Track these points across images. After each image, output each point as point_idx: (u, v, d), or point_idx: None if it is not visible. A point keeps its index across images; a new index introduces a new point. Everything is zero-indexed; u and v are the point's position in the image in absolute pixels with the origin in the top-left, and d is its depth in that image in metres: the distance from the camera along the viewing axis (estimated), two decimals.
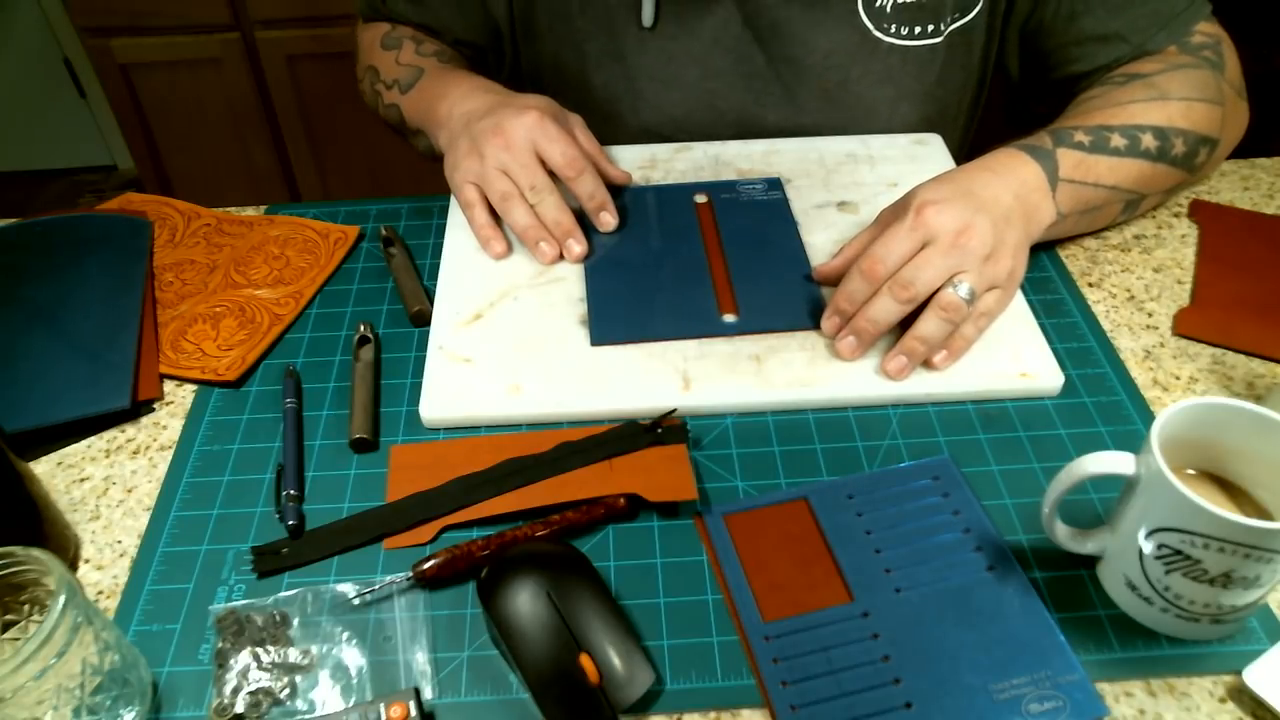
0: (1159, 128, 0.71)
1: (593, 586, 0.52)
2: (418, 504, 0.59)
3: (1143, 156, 0.70)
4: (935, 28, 0.81)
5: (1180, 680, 0.50)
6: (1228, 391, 0.65)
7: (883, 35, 0.81)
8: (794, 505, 0.58)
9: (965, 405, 0.64)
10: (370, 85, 0.90)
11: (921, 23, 0.81)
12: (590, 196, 0.74)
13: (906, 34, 0.81)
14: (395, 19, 0.90)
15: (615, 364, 0.65)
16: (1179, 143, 0.71)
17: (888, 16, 0.80)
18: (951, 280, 0.62)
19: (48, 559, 0.45)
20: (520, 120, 0.72)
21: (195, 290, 0.75)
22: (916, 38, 0.81)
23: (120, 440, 0.65)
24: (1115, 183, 0.70)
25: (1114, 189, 0.70)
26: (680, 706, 0.49)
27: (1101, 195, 0.70)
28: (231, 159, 1.83)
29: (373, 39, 0.91)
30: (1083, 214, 0.71)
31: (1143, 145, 0.70)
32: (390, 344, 0.70)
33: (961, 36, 0.83)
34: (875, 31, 0.81)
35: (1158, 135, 0.70)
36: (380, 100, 0.89)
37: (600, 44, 0.84)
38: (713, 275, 0.72)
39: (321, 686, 0.51)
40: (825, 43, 0.81)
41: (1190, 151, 0.72)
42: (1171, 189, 0.76)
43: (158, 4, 1.63)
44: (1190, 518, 0.46)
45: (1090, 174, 0.69)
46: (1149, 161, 0.71)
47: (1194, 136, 0.72)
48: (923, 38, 0.81)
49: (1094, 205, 0.71)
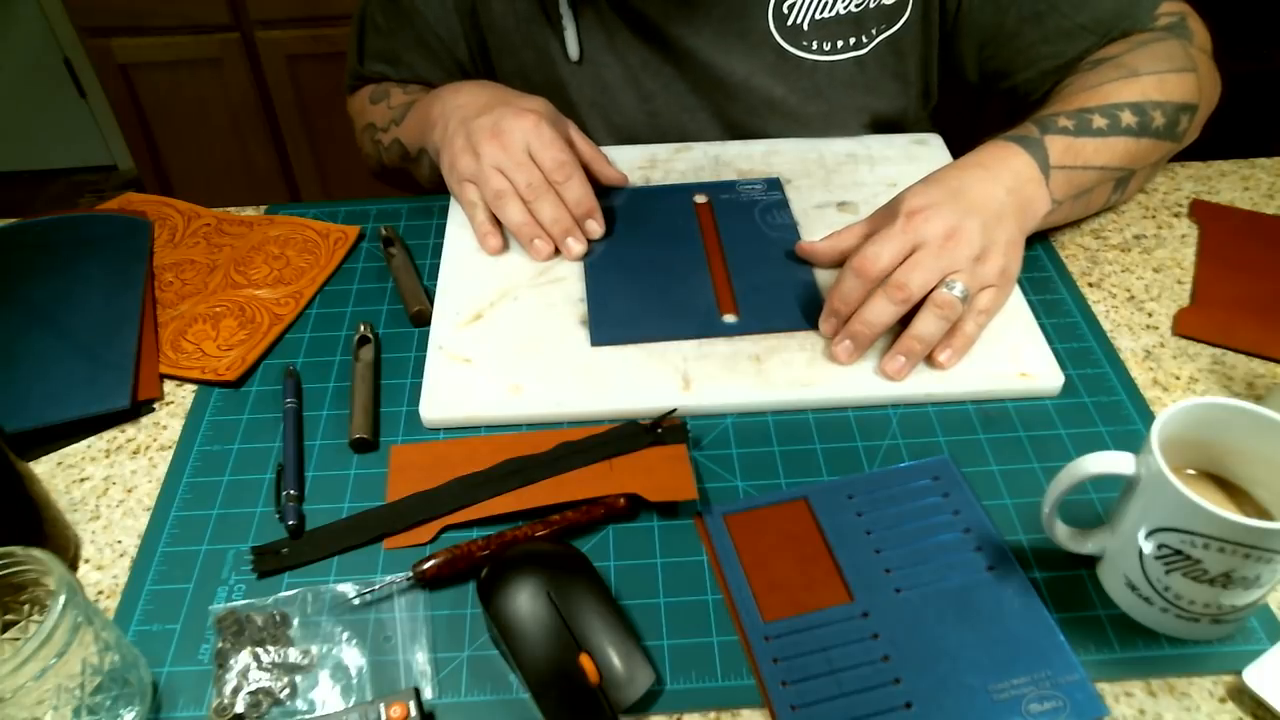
0: (1135, 103, 0.71)
1: (593, 586, 0.52)
2: (418, 504, 0.59)
3: (1125, 133, 0.70)
4: (858, 40, 0.81)
5: (1180, 680, 0.50)
6: (1228, 391, 0.65)
7: (802, 53, 0.81)
8: (794, 505, 0.58)
9: (965, 405, 0.64)
10: (371, 140, 0.91)
11: (843, 36, 0.80)
12: (576, 203, 0.73)
13: (830, 49, 0.81)
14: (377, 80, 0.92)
15: (615, 364, 0.65)
16: (1158, 115, 0.71)
17: (805, 34, 0.80)
18: (945, 280, 0.62)
19: (48, 559, 0.45)
20: (518, 123, 0.73)
21: (195, 290, 0.75)
22: (839, 52, 0.81)
23: (120, 440, 0.65)
24: (1104, 162, 0.70)
25: (1103, 169, 0.71)
26: (680, 706, 0.49)
27: (1092, 177, 0.70)
28: (231, 159, 1.83)
29: (363, 101, 0.93)
30: (1076, 198, 0.71)
31: (1123, 123, 0.70)
32: (390, 344, 0.70)
33: (890, 46, 0.82)
34: (794, 50, 0.81)
35: (1135, 111, 0.70)
36: (381, 148, 0.90)
37: (543, 75, 0.85)
38: (713, 275, 0.72)
39: (321, 686, 0.51)
40: (743, 67, 0.82)
41: (1171, 121, 0.72)
42: (1159, 160, 0.76)
43: (158, 4, 1.63)
44: (1190, 518, 0.46)
45: (1079, 157, 0.69)
46: (1132, 137, 0.70)
47: (1171, 106, 0.72)
48: (845, 51, 0.81)
49: (1086, 188, 0.71)
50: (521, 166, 0.72)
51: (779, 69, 0.82)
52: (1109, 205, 0.77)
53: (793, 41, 0.81)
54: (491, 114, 0.74)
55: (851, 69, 0.82)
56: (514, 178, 0.72)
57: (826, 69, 0.82)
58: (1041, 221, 0.69)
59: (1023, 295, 0.69)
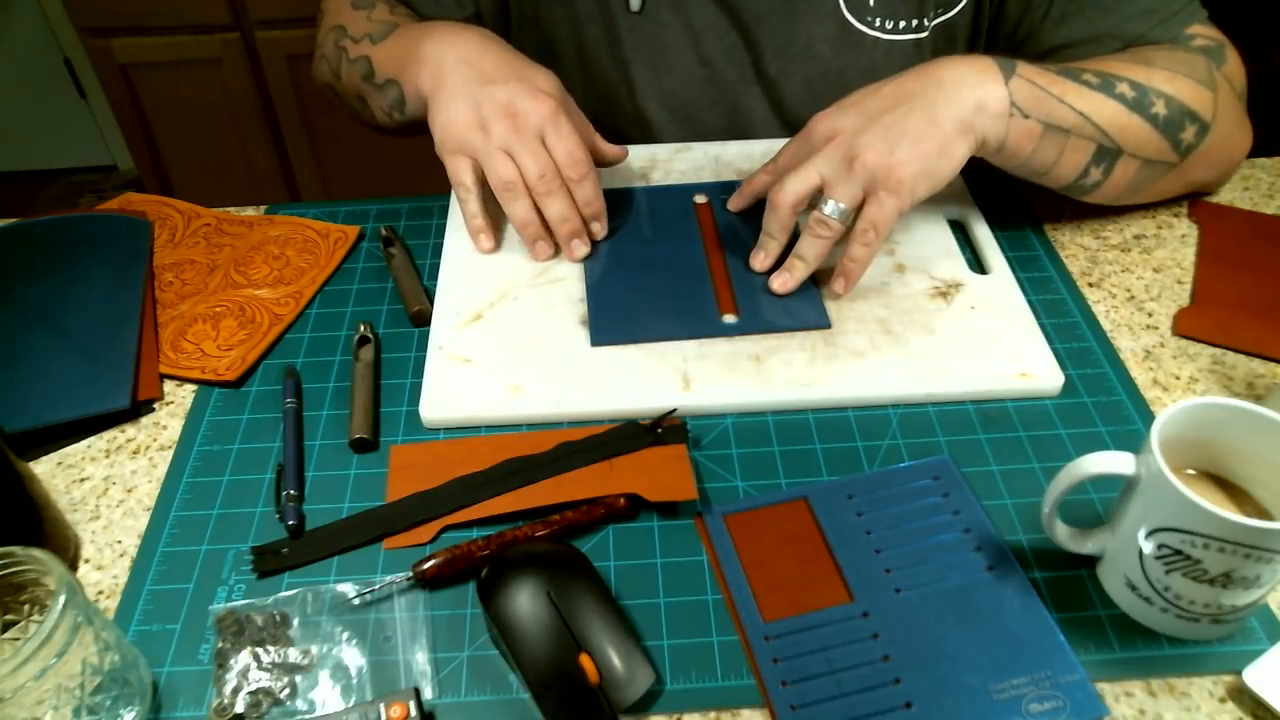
0: (1137, 81, 0.68)
1: (593, 586, 0.52)
2: (418, 504, 0.59)
3: (1118, 99, 0.67)
4: (919, 22, 0.81)
5: (1180, 680, 0.50)
6: (1228, 391, 0.65)
7: (865, 28, 0.80)
8: (794, 505, 0.58)
9: (965, 405, 0.64)
10: (334, 44, 0.83)
11: (905, 16, 0.80)
12: (586, 203, 0.71)
13: (891, 28, 0.80)
14: None
15: (615, 364, 0.65)
16: (1159, 103, 0.68)
17: (870, 10, 0.80)
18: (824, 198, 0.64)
19: (48, 559, 0.45)
20: (535, 105, 0.68)
21: (195, 290, 0.75)
22: (900, 32, 0.81)
23: (120, 440, 0.65)
24: (1085, 109, 0.66)
25: (1084, 116, 0.66)
26: (680, 706, 0.49)
27: (1069, 116, 0.66)
28: (231, 159, 1.83)
29: (341, 2, 0.85)
30: (1049, 128, 0.66)
31: (1117, 89, 0.66)
32: (390, 344, 0.70)
33: (944, 32, 0.82)
34: (857, 24, 0.80)
35: (1135, 87, 0.67)
36: (345, 57, 0.82)
37: (597, 27, 0.83)
38: (713, 275, 0.72)
39: (321, 686, 0.51)
40: (805, 34, 0.81)
41: (1173, 118, 0.68)
42: (1154, 163, 0.70)
43: (158, 4, 1.63)
44: (1190, 518, 0.46)
45: (1055, 86, 0.65)
46: (1124, 107, 0.67)
47: (1177, 104, 0.68)
48: (906, 32, 0.81)
49: (1060, 124, 0.66)
50: (535, 155, 0.68)
51: (840, 42, 0.81)
52: (1091, 186, 0.71)
53: (858, 15, 0.80)
54: (505, 87, 0.69)
55: (910, 50, 0.82)
56: (524, 165, 0.68)
57: (885, 48, 0.81)
58: (998, 123, 0.64)
59: (1023, 295, 0.69)
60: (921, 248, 0.74)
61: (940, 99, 0.64)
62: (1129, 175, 0.71)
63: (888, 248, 0.74)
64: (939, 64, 0.66)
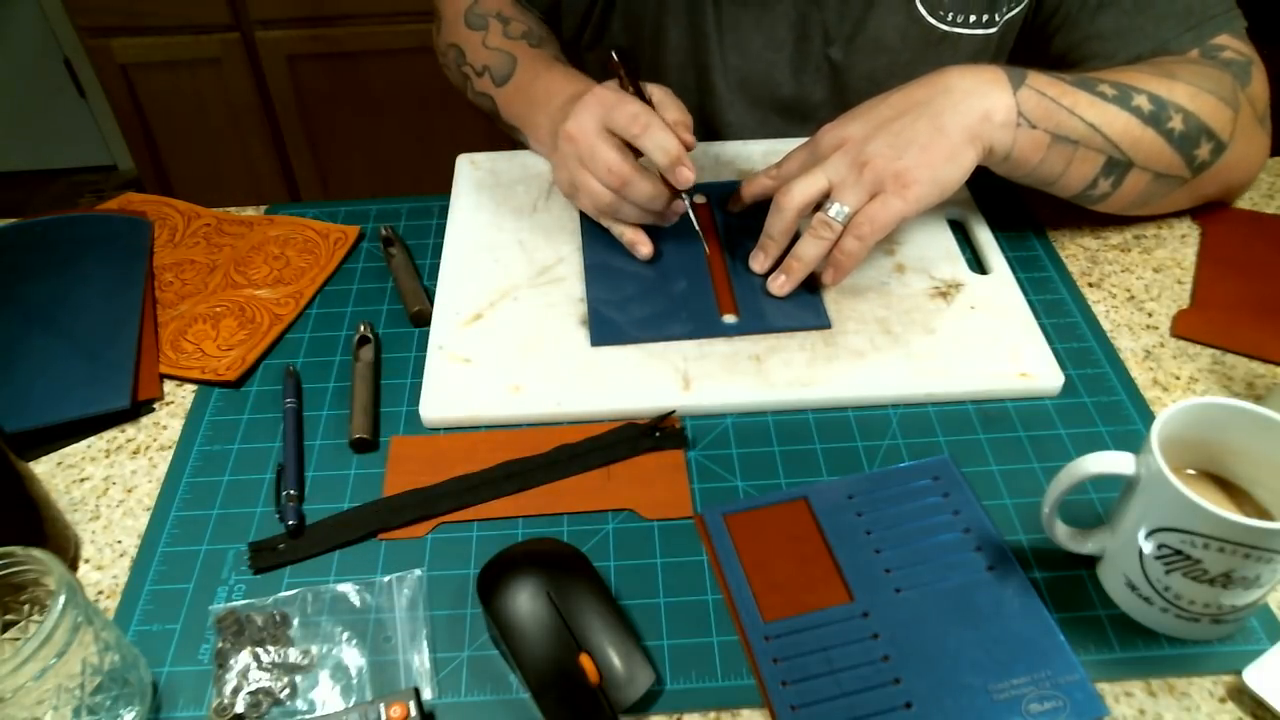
0: (1156, 95, 0.67)
1: (593, 586, 0.52)
2: (414, 501, 0.59)
3: (1133, 113, 0.66)
4: (990, 17, 0.80)
5: (1180, 680, 0.50)
6: (1228, 391, 0.65)
7: (937, 22, 0.80)
8: (794, 505, 0.58)
9: (965, 405, 0.64)
10: (456, 65, 0.87)
11: (977, 11, 0.80)
12: (664, 150, 0.67)
13: (963, 21, 0.80)
14: None
15: (615, 364, 0.65)
16: (1177, 118, 0.67)
17: (943, 4, 0.79)
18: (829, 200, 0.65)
19: (48, 559, 0.45)
20: (577, 110, 0.70)
21: (195, 290, 0.75)
22: (971, 26, 0.80)
23: (120, 440, 0.65)
24: (1096, 121, 0.66)
25: (1094, 128, 0.66)
26: (680, 706, 0.49)
27: (1078, 127, 0.65)
28: (231, 159, 1.83)
29: (456, 12, 0.87)
30: (1056, 138, 0.66)
31: (1134, 101, 0.66)
32: (390, 344, 0.70)
33: (1010, 28, 0.82)
34: (929, 17, 0.80)
35: (1153, 100, 0.67)
36: (470, 85, 0.86)
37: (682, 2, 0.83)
38: (713, 275, 0.72)
39: (321, 686, 0.51)
40: (875, 25, 0.81)
41: (1189, 135, 0.68)
42: (1166, 177, 0.70)
43: (158, 4, 1.63)
44: (1190, 518, 0.46)
45: (1066, 97, 0.65)
46: (1139, 120, 0.66)
47: (1196, 121, 0.68)
48: (976, 26, 0.80)
49: (1069, 135, 0.66)
50: (595, 150, 0.68)
51: (910, 34, 0.81)
52: (1100, 196, 0.71)
53: (931, 9, 0.80)
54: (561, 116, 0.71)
55: (979, 45, 0.81)
56: (595, 170, 0.69)
57: (954, 41, 0.81)
58: (1004, 132, 0.65)
59: (1023, 295, 0.69)
60: (922, 248, 0.74)
61: (948, 107, 0.64)
62: (1139, 188, 0.71)
63: (888, 248, 0.74)
64: (947, 72, 0.66)
